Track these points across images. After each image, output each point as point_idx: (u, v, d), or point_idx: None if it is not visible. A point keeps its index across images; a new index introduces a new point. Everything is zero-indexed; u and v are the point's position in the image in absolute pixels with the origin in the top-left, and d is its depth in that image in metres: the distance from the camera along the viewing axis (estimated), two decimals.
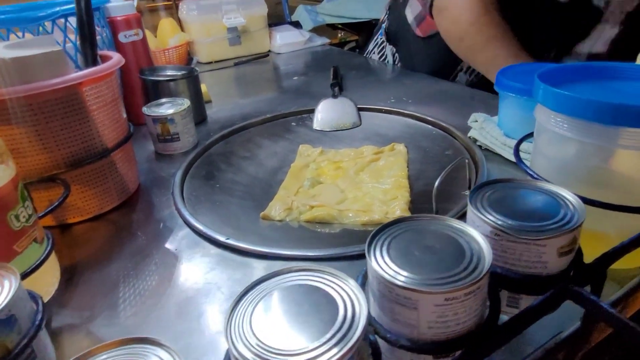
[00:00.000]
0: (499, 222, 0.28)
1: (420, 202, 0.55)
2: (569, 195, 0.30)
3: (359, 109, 0.81)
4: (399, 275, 0.24)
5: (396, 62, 1.11)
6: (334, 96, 0.84)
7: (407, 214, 0.50)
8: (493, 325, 0.25)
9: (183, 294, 0.42)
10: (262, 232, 0.52)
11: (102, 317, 0.40)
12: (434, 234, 0.27)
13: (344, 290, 0.24)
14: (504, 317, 0.27)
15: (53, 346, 0.31)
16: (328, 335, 0.21)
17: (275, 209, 0.55)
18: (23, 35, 0.61)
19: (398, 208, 0.51)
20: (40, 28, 0.61)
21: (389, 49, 1.13)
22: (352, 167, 0.62)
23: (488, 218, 0.29)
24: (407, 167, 0.62)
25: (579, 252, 0.29)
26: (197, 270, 0.45)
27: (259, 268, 0.44)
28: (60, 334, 0.38)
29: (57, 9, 0.60)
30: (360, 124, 0.77)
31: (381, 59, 1.16)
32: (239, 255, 0.46)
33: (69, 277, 0.45)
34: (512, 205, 0.30)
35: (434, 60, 0.97)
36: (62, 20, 0.62)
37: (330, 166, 0.64)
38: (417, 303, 0.23)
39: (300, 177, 0.62)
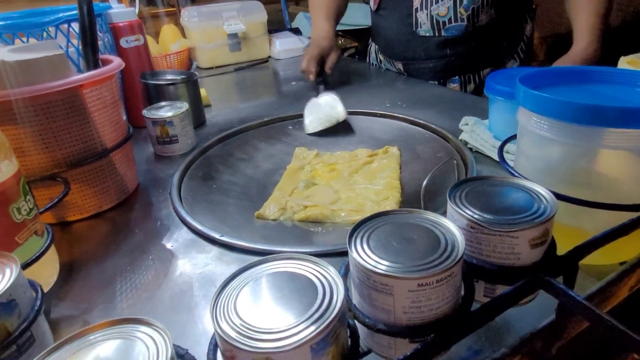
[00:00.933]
0: (475, 216, 0.30)
1: (411, 201, 0.57)
2: (542, 191, 0.32)
3: (356, 113, 0.83)
4: (377, 264, 0.26)
5: (377, 54, 1.15)
6: (317, 95, 0.86)
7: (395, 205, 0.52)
8: (466, 311, 0.26)
9: (178, 288, 0.43)
10: (257, 230, 0.54)
11: (99, 309, 0.41)
12: (412, 226, 0.29)
13: (324, 277, 0.25)
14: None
15: (51, 333, 0.32)
16: (306, 316, 0.22)
17: (269, 209, 0.56)
18: (27, 40, 0.63)
19: (389, 207, 0.53)
20: (45, 33, 0.64)
21: (373, 47, 1.16)
22: (346, 169, 0.64)
23: (465, 212, 0.30)
24: (400, 169, 0.64)
25: (552, 245, 0.31)
26: (192, 266, 0.46)
27: None
28: (58, 323, 0.39)
29: (61, 15, 0.62)
30: (346, 117, 0.78)
31: (374, 64, 1.18)
32: (234, 252, 0.48)
33: (68, 272, 0.46)
34: (488, 201, 0.32)
35: (391, 31, 1.02)
36: (66, 25, 0.64)
37: (325, 168, 0.65)
38: (392, 289, 0.25)
39: (296, 179, 0.63)
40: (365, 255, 0.27)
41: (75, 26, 0.64)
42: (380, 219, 0.30)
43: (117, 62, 0.56)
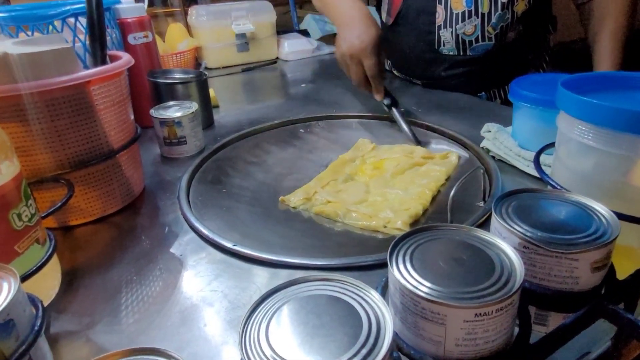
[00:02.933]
0: (528, 234, 0.27)
1: (433, 212, 0.54)
2: (599, 208, 0.29)
3: (370, 117, 0.80)
4: (424, 287, 0.23)
5: (391, 70, 1.10)
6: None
7: (407, 228, 0.48)
8: (524, 344, 0.23)
9: (188, 301, 0.40)
10: (268, 238, 0.51)
11: (103, 324, 0.38)
12: (459, 245, 0.26)
13: (366, 301, 0.22)
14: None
15: (52, 354, 0.29)
16: (352, 351, 0.19)
17: (296, 196, 0.57)
18: (32, 34, 0.61)
19: (400, 220, 0.50)
20: (50, 27, 0.61)
21: (386, 62, 1.12)
22: (392, 168, 0.61)
23: (515, 229, 0.27)
24: (447, 179, 0.59)
25: (612, 268, 0.28)
26: (203, 277, 0.43)
27: (265, 276, 0.43)
28: (58, 340, 0.36)
29: (68, 7, 0.60)
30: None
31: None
32: (246, 262, 0.45)
33: (69, 281, 0.43)
34: (539, 217, 0.29)
35: (409, 48, 0.94)
36: (72, 19, 0.61)
37: (370, 165, 0.63)
38: (445, 318, 0.22)
39: (339, 171, 0.62)
40: (410, 277, 0.24)
41: (83, 21, 0.61)
42: (423, 234, 0.27)
43: (126, 58, 0.53)
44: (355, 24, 0.75)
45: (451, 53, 0.90)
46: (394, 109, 0.76)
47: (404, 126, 0.73)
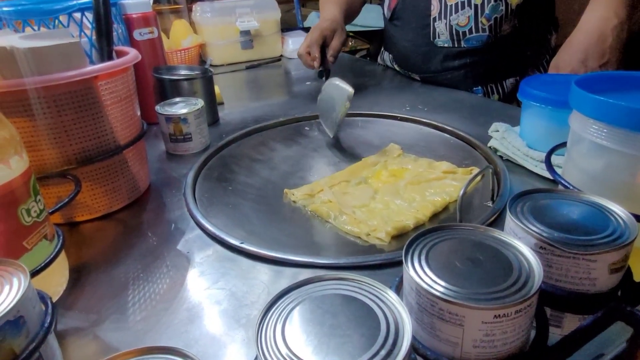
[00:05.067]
0: (545, 234, 0.26)
1: (442, 211, 0.53)
2: (616, 209, 0.28)
3: (375, 116, 0.80)
4: (441, 287, 0.22)
5: (393, 65, 1.10)
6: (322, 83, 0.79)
7: (388, 240, 0.47)
8: (542, 346, 0.23)
9: (195, 299, 0.40)
10: (274, 236, 0.50)
11: (110, 321, 0.38)
12: (475, 245, 0.26)
13: (383, 302, 0.22)
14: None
15: (61, 352, 0.29)
16: (371, 353, 0.19)
17: (299, 191, 0.57)
18: (38, 29, 0.60)
19: (384, 231, 0.47)
20: (56, 21, 0.60)
21: (387, 56, 1.11)
22: (409, 178, 0.59)
23: (532, 229, 0.27)
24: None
25: (629, 270, 0.27)
26: (209, 275, 0.43)
27: (272, 274, 0.43)
28: (65, 337, 0.36)
29: (74, 2, 0.59)
30: (352, 91, 0.69)
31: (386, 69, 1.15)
32: (252, 260, 0.44)
33: (76, 277, 0.43)
34: (555, 217, 0.28)
35: (407, 41, 0.96)
36: (79, 14, 0.60)
37: (389, 172, 0.62)
38: (463, 319, 0.21)
39: (355, 173, 0.62)
40: (427, 277, 0.23)
41: (89, 15, 0.61)
42: (438, 233, 0.26)
43: (133, 53, 0.52)
44: (325, 18, 0.96)
45: (446, 45, 0.90)
46: (324, 80, 0.81)
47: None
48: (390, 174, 0.61)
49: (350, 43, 1.91)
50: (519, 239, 0.27)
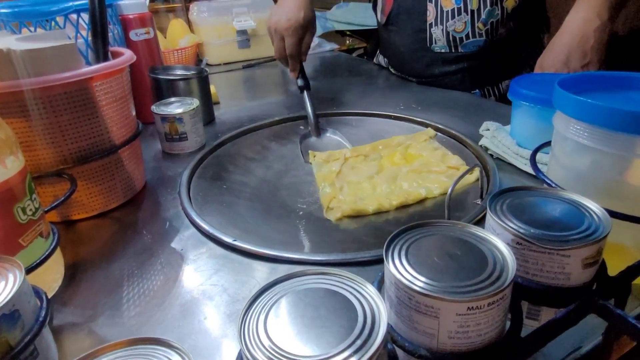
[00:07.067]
0: (521, 230, 0.27)
1: (431, 209, 0.54)
2: (592, 206, 0.29)
3: (369, 115, 0.81)
4: (418, 281, 0.23)
5: (389, 68, 1.11)
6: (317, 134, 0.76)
7: (333, 219, 0.52)
8: (515, 337, 0.24)
9: (188, 295, 0.41)
10: (268, 234, 0.51)
11: (105, 317, 0.39)
12: (453, 240, 0.26)
13: (362, 295, 0.23)
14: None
15: (55, 345, 0.30)
16: (347, 342, 0.20)
17: (321, 155, 0.64)
18: (35, 30, 0.61)
19: (340, 212, 0.52)
20: (53, 23, 0.61)
21: (382, 59, 1.12)
22: (416, 165, 0.61)
23: (509, 225, 0.28)
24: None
25: (603, 265, 0.28)
26: (203, 271, 0.44)
27: (265, 271, 0.44)
28: (61, 332, 0.37)
29: (70, 3, 0.60)
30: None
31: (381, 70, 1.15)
32: (245, 257, 0.45)
33: (72, 274, 0.44)
34: (533, 214, 0.29)
35: (403, 47, 0.96)
36: (75, 15, 0.61)
37: (404, 156, 0.65)
38: (438, 311, 0.22)
39: (375, 149, 0.66)
40: (406, 272, 0.24)
41: (85, 16, 0.62)
42: (418, 230, 0.27)
43: (128, 54, 0.53)
44: (289, 3, 0.82)
45: (443, 50, 0.91)
46: (305, 93, 0.80)
47: (310, 111, 0.77)
48: (402, 157, 0.63)
49: (347, 42, 1.91)
50: (498, 235, 0.28)
